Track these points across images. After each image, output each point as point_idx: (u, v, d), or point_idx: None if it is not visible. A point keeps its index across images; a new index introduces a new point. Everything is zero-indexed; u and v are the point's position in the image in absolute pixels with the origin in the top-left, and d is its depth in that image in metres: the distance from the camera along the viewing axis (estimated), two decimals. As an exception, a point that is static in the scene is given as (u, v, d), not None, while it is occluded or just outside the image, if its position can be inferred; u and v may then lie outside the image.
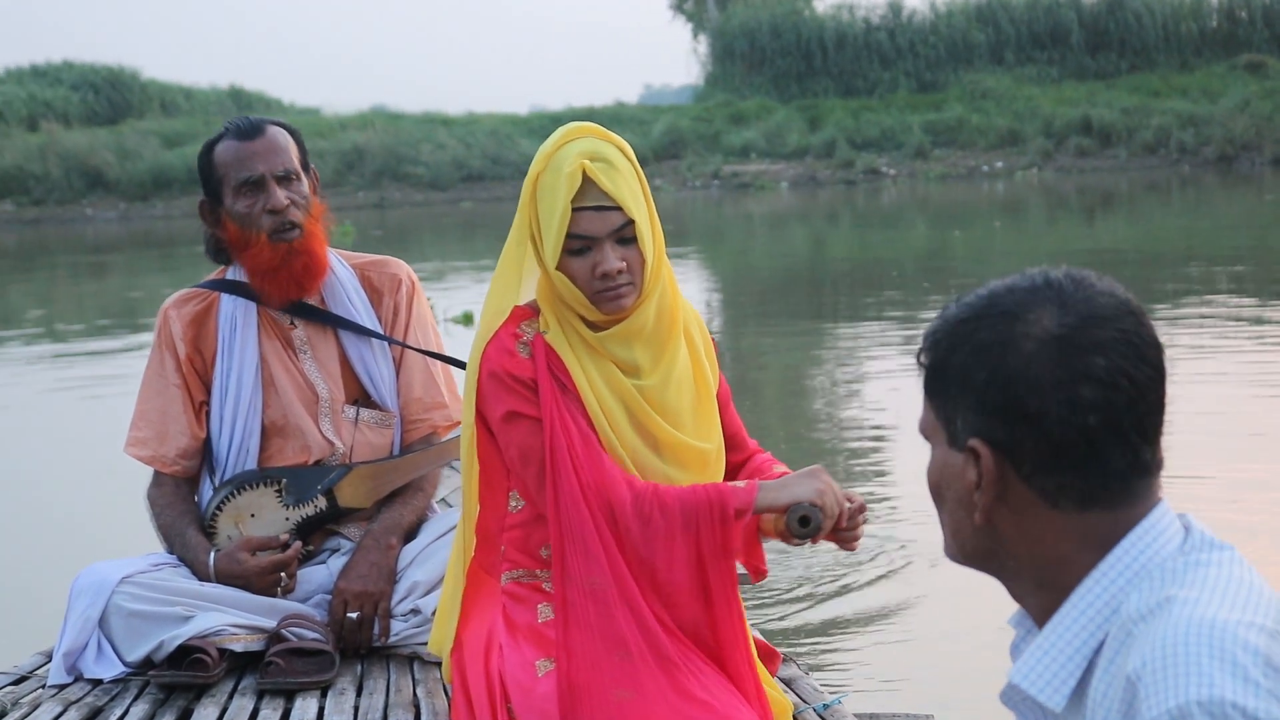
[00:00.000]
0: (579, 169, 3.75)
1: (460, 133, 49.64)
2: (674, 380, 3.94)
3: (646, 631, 3.74)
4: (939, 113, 48.82)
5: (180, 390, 4.89)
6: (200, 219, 4.95)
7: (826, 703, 4.26)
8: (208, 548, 4.77)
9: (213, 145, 4.90)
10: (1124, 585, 2.00)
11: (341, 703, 4.43)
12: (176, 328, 4.90)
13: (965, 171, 45.99)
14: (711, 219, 37.72)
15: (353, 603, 4.72)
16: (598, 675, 3.71)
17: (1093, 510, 2.02)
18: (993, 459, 2.02)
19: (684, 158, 48.06)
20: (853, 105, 50.20)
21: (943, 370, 2.07)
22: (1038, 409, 1.98)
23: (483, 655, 3.91)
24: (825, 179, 46.28)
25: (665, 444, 3.90)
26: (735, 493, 3.76)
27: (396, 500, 4.93)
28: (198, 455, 4.92)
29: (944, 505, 2.12)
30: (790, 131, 48.43)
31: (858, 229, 32.08)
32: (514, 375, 3.84)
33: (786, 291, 20.92)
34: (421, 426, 5.00)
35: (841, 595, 7.23)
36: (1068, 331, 1.99)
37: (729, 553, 3.77)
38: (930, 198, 39.70)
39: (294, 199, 4.82)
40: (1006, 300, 2.04)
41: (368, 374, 4.95)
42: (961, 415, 2.05)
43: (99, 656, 4.63)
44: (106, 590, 4.62)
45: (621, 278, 3.80)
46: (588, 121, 3.92)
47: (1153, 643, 1.87)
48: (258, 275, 4.83)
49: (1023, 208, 35.68)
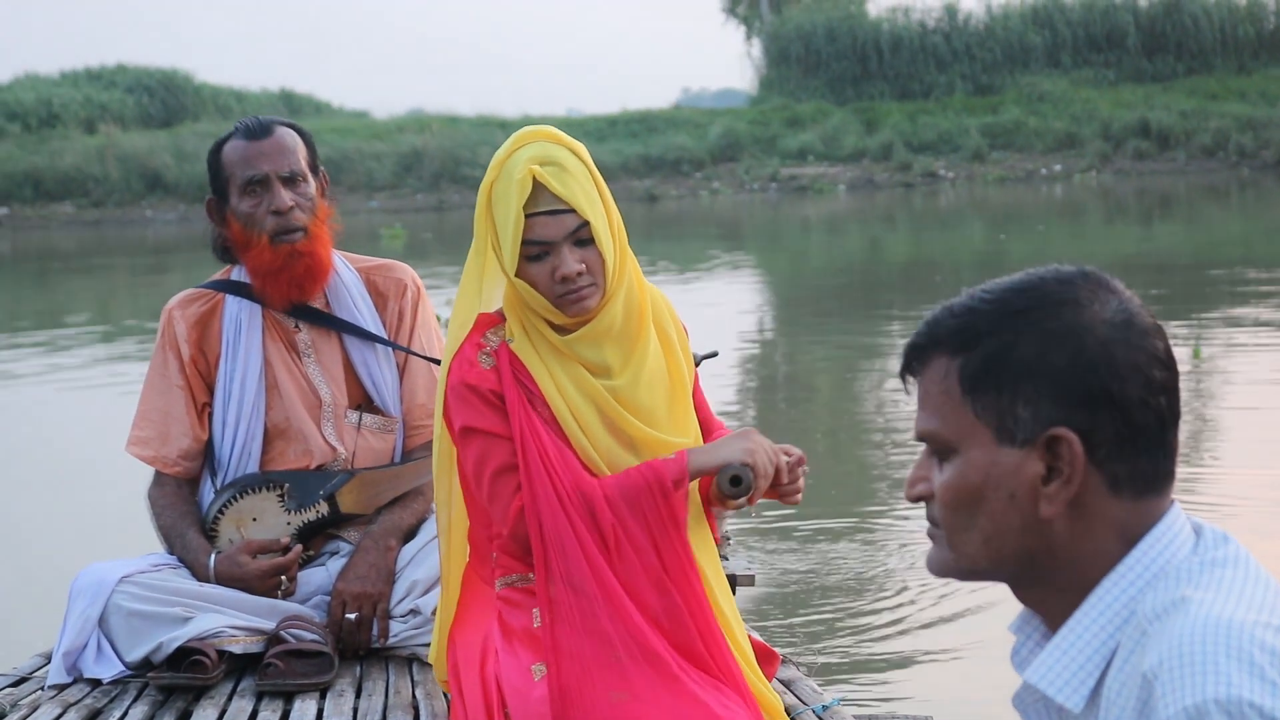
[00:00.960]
0: (529, 175, 3.77)
1: (516, 136, 49.57)
2: (645, 377, 3.95)
3: (634, 632, 3.74)
4: (996, 116, 48.58)
5: (183, 391, 4.90)
6: (207, 217, 4.95)
7: (826, 704, 4.26)
8: (208, 549, 4.78)
9: (222, 144, 4.92)
10: (1141, 587, 1.99)
11: (340, 704, 4.44)
12: (181, 328, 4.91)
13: (1023, 174, 45.78)
14: (768, 222, 37.68)
15: (351, 604, 4.72)
16: (589, 677, 3.72)
17: (1146, 497, 2.03)
18: (1081, 445, 1.99)
19: (741, 160, 47.98)
20: (909, 108, 49.99)
21: (1002, 362, 2.02)
22: (1120, 391, 1.99)
23: (478, 660, 3.91)
24: (883, 182, 46.13)
25: (641, 443, 3.91)
26: (668, 464, 3.80)
27: (396, 503, 4.92)
28: (199, 456, 4.93)
29: (980, 511, 2.05)
30: (847, 134, 48.29)
31: (914, 232, 31.99)
32: (474, 388, 3.86)
33: (841, 294, 20.89)
34: (424, 432, 4.98)
35: (841, 597, 7.24)
36: (1129, 317, 2.02)
37: (678, 524, 3.80)
38: (988, 201, 39.55)
39: (299, 201, 4.82)
40: (1062, 290, 2.04)
41: (371, 379, 4.95)
42: (1031, 406, 2.00)
43: (99, 656, 4.63)
44: (106, 590, 4.63)
45: (582, 279, 3.81)
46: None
47: (1169, 641, 1.86)
48: (259, 276, 4.84)
49: (1081, 211, 35.53)
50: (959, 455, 2.06)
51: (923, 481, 2.13)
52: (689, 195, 46.05)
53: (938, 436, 2.08)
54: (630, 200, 45.37)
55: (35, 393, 14.69)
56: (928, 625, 6.75)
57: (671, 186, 46.82)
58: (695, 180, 47.31)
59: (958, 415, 2.06)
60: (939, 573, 2.14)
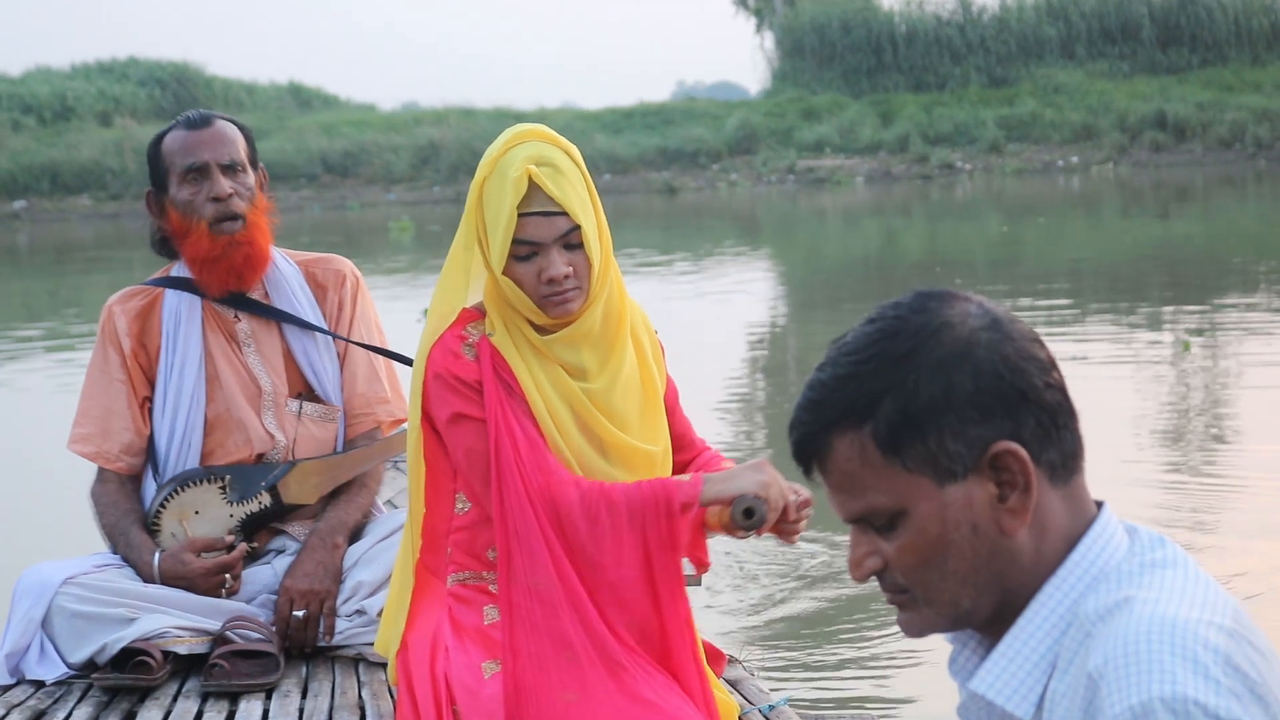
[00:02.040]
0: (525, 174, 3.74)
1: (534, 129, 49.60)
2: (620, 383, 3.94)
3: (593, 633, 3.74)
4: (1011, 107, 48.54)
5: (124, 386, 4.87)
6: (146, 211, 4.93)
7: (772, 703, 4.24)
8: (152, 548, 4.74)
9: (161, 137, 4.90)
10: (1082, 590, 1.98)
11: (286, 705, 4.41)
12: (121, 323, 4.88)
13: (1040, 166, 45.73)
14: (785, 214, 37.69)
15: (298, 601, 4.69)
16: (544, 677, 3.71)
17: (1075, 477, 2.03)
18: (1024, 451, 1.97)
19: (758, 152, 47.98)
20: (924, 100, 49.98)
21: (913, 410, 1.98)
22: (1027, 385, 1.99)
23: (428, 657, 3.89)
24: (900, 174, 46.12)
25: (611, 446, 3.91)
26: (681, 486, 3.78)
27: (341, 499, 4.91)
28: (142, 452, 4.90)
29: (949, 555, 2.01)
30: (863, 126, 48.28)
31: (931, 224, 31.95)
32: (459, 377, 3.84)
33: (857, 286, 20.86)
34: (365, 421, 4.98)
35: (788, 597, 7.23)
36: (993, 316, 2.03)
37: (676, 547, 3.78)
38: (1005, 192, 39.52)
39: (238, 189, 4.81)
40: (927, 319, 2.01)
41: (311, 368, 4.94)
42: (959, 437, 1.97)
43: (41, 658, 4.61)
44: (49, 591, 4.60)
45: (568, 283, 3.80)
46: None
47: (1114, 640, 1.86)
48: (196, 264, 4.82)
49: (1097, 203, 35.47)
50: (908, 515, 2.01)
51: (870, 557, 2.06)
52: (707, 187, 46.12)
53: (878, 510, 2.03)
54: (649, 192, 45.46)
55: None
56: (877, 627, 6.74)
57: (689, 178, 46.87)
58: (712, 172, 47.34)
59: (890, 480, 2.01)
60: (922, 633, 2.10)
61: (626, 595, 3.78)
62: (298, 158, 47.18)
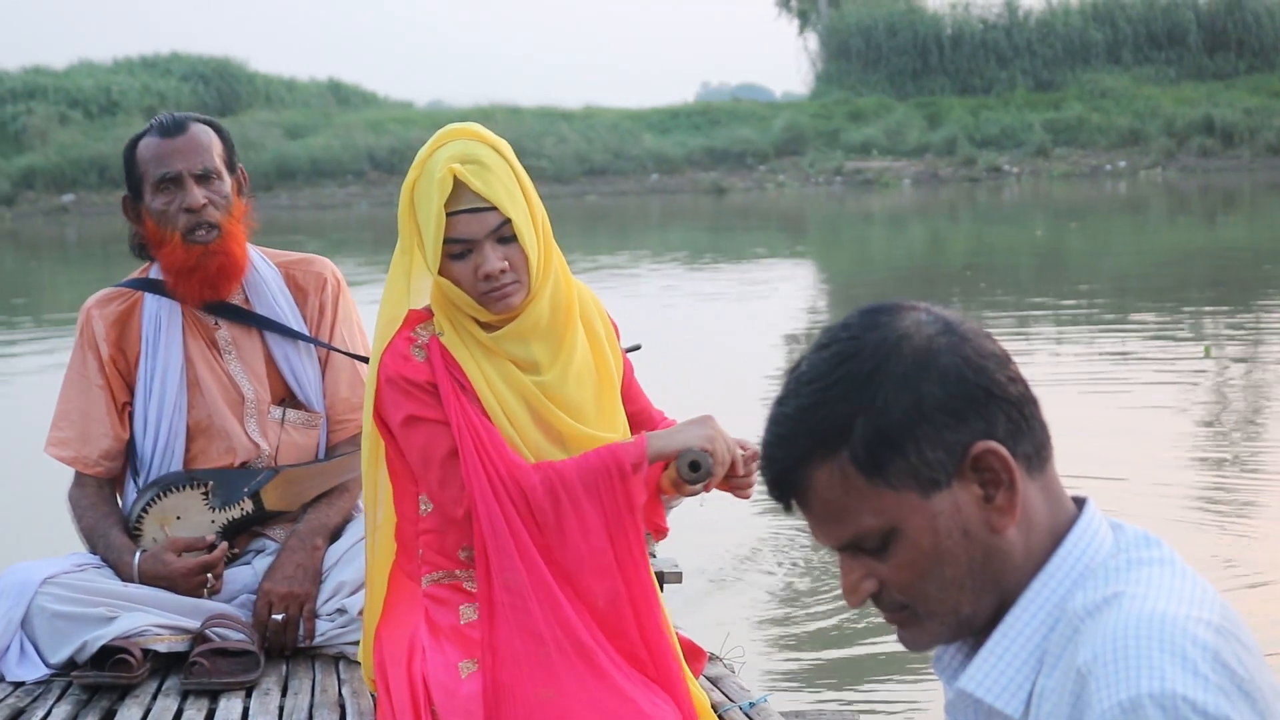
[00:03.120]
0: (449, 173, 3.76)
1: (580, 127, 49.79)
2: (573, 373, 3.95)
3: (566, 627, 3.75)
4: (1058, 112, 48.43)
5: (103, 391, 4.86)
6: (124, 215, 4.93)
7: (753, 700, 4.25)
8: (132, 548, 4.75)
9: (136, 141, 4.90)
10: (1070, 586, 1.98)
11: (266, 703, 4.42)
12: (99, 328, 4.87)
13: (1088, 170, 45.57)
14: (834, 215, 37.65)
15: (278, 603, 4.69)
16: (520, 674, 3.72)
17: (1047, 466, 2.04)
18: (1002, 448, 1.97)
19: (805, 154, 47.93)
20: (971, 103, 49.91)
21: (887, 428, 1.96)
22: (991, 382, 1.99)
23: (405, 658, 3.90)
24: (948, 176, 45.99)
25: (569, 438, 3.92)
26: (626, 448, 3.82)
27: (322, 501, 4.90)
28: (120, 456, 4.89)
29: (944, 564, 2.00)
30: (909, 129, 48.21)
31: (976, 227, 31.89)
32: (410, 380, 3.86)
33: (901, 288, 20.80)
34: (348, 426, 4.96)
35: (768, 594, 7.27)
36: (943, 320, 2.02)
37: (634, 509, 3.80)
38: (1051, 197, 39.39)
39: (212, 198, 4.79)
40: (883, 334, 2.00)
41: (293, 374, 4.92)
42: (938, 446, 1.96)
43: (21, 658, 4.61)
44: (29, 591, 4.61)
45: (506, 277, 3.81)
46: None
47: (1103, 635, 1.86)
48: (171, 274, 4.80)
49: (1144, 207, 35.38)
50: (899, 532, 1.99)
51: (865, 580, 2.04)
52: (755, 188, 46.10)
53: (869, 533, 2.01)
54: (697, 193, 45.45)
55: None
56: (857, 625, 6.77)
57: (738, 179, 46.84)
58: (760, 173, 47.31)
59: (876, 500, 1.99)
60: (926, 646, 2.10)
61: (597, 567, 3.80)
62: (344, 154, 47.34)
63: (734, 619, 6.75)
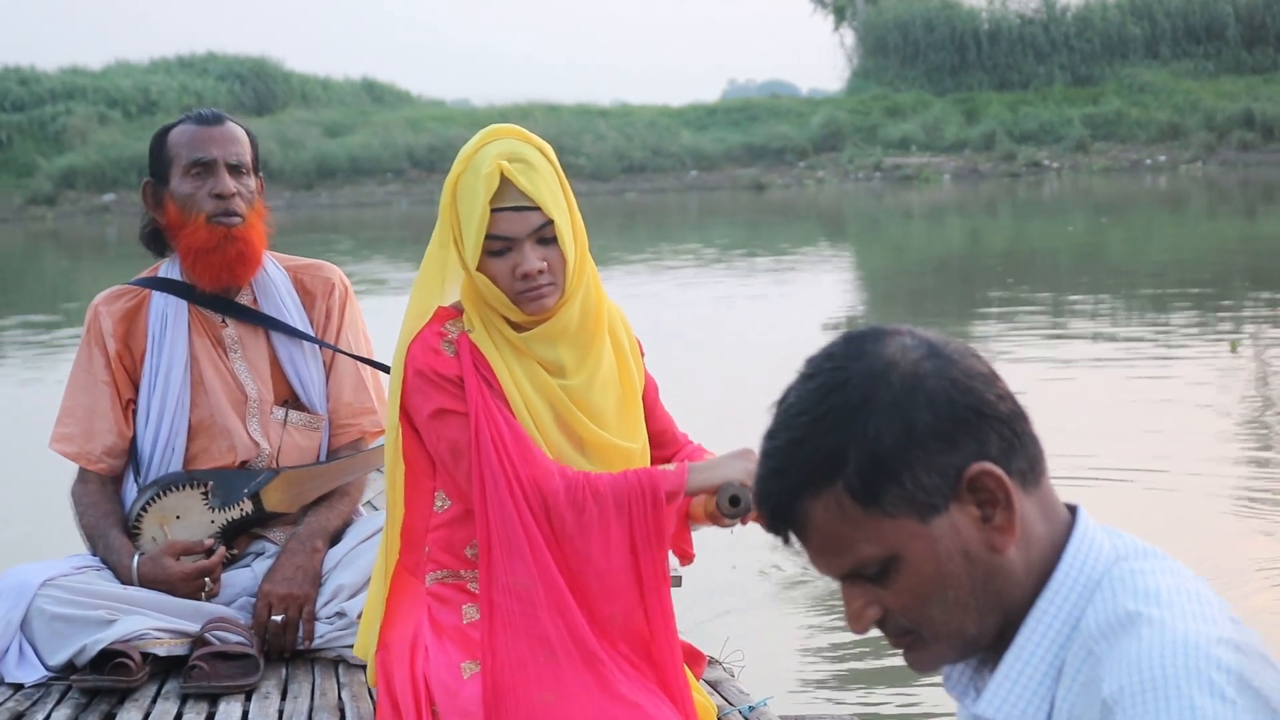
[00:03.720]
0: (496, 170, 3.76)
1: (617, 124, 49.81)
2: (599, 380, 3.95)
3: (573, 631, 3.75)
4: (1097, 106, 48.32)
5: (109, 387, 4.86)
6: (142, 202, 4.94)
7: (752, 705, 4.24)
8: (131, 551, 4.74)
9: (169, 129, 4.91)
10: (1077, 601, 1.97)
11: (266, 706, 4.40)
12: (106, 324, 4.87)
13: (1128, 165, 45.43)
14: (874, 211, 37.61)
15: (277, 605, 4.68)
16: (523, 677, 3.71)
17: (1042, 479, 2.03)
18: (997, 468, 1.96)
19: (843, 150, 47.88)
20: (1009, 99, 49.85)
21: (881, 457, 1.95)
22: (981, 402, 1.97)
23: (408, 658, 3.90)
24: (987, 171, 45.89)
25: (590, 443, 3.92)
26: (666, 476, 3.81)
27: (322, 504, 4.90)
28: (124, 454, 4.89)
29: (948, 587, 1.99)
30: (948, 124, 48.16)
31: (1016, 222, 31.81)
32: (440, 373, 3.86)
33: (939, 283, 20.79)
34: (350, 431, 4.97)
35: (768, 598, 7.26)
36: (927, 344, 2.01)
37: (662, 537, 3.81)
38: (1092, 191, 39.29)
39: (241, 191, 4.81)
40: (869, 362, 1.99)
41: (298, 376, 4.93)
42: (932, 471, 1.95)
43: (20, 660, 4.60)
44: (28, 593, 4.60)
45: (542, 278, 3.81)
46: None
47: (1127, 665, 1.84)
48: (190, 255, 4.80)
49: (1184, 201, 35.27)
50: (900, 560, 1.99)
51: (869, 607, 2.04)
52: (794, 184, 46.10)
53: (869, 561, 2.00)
54: (736, 189, 45.46)
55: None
56: None
57: (777, 175, 46.84)
58: (799, 169, 47.27)
59: (874, 529, 1.98)
60: (934, 668, 2.10)
61: (613, 586, 3.79)
62: (383, 153, 47.48)
63: (734, 622, 6.73)
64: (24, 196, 46.81)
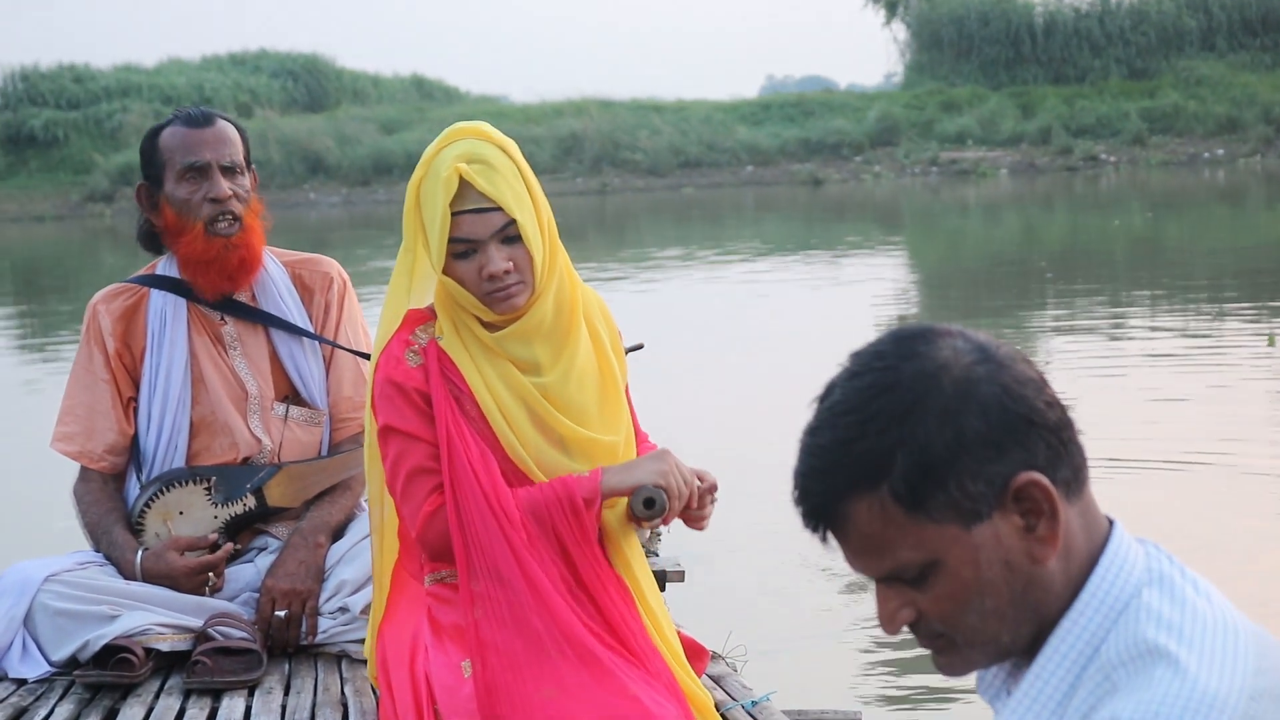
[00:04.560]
0: (455, 173, 3.77)
1: (672, 119, 49.80)
2: (575, 375, 3.96)
3: (564, 629, 3.76)
4: (1153, 100, 48.05)
5: (109, 386, 4.87)
6: (136, 203, 4.92)
7: (755, 699, 4.24)
8: (135, 546, 4.74)
9: (159, 130, 4.90)
10: (1102, 622, 1.96)
11: (269, 702, 4.41)
12: (105, 323, 4.88)
13: (1186, 159, 45.18)
14: (933, 206, 37.53)
15: (280, 600, 4.69)
16: (518, 673, 3.73)
17: (1084, 488, 2.00)
18: (1044, 479, 1.93)
19: (899, 144, 47.77)
20: (1065, 92, 49.61)
21: (929, 462, 1.92)
22: (1031, 410, 1.95)
23: (408, 657, 3.91)
24: (1045, 166, 45.70)
25: (570, 441, 3.93)
26: (580, 482, 3.85)
27: (325, 498, 4.90)
28: (125, 451, 4.90)
29: (985, 594, 1.97)
30: (1004, 118, 47.98)
31: (1073, 216, 31.70)
32: (400, 386, 3.87)
33: (992, 280, 20.74)
34: (350, 425, 4.96)
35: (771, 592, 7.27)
36: (979, 346, 1.98)
37: (589, 540, 3.84)
38: (1149, 185, 39.12)
39: (236, 191, 4.81)
40: (920, 364, 1.95)
41: (297, 372, 4.93)
42: (979, 478, 1.93)
43: (24, 656, 4.61)
44: (31, 589, 4.61)
45: (510, 277, 3.81)
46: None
47: (1136, 708, 1.82)
48: (189, 265, 4.81)
49: (1242, 195, 35.11)
50: (940, 565, 1.96)
51: (904, 609, 2.02)
52: (851, 179, 46.00)
53: (908, 566, 1.98)
54: (793, 184, 45.39)
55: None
56: (859, 623, 6.72)
57: (833, 170, 46.75)
58: (855, 164, 47.19)
59: (917, 534, 1.95)
60: (964, 673, 2.08)
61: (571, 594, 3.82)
62: (439, 149, 47.58)
63: (736, 617, 6.69)
64: (82, 194, 47.09)
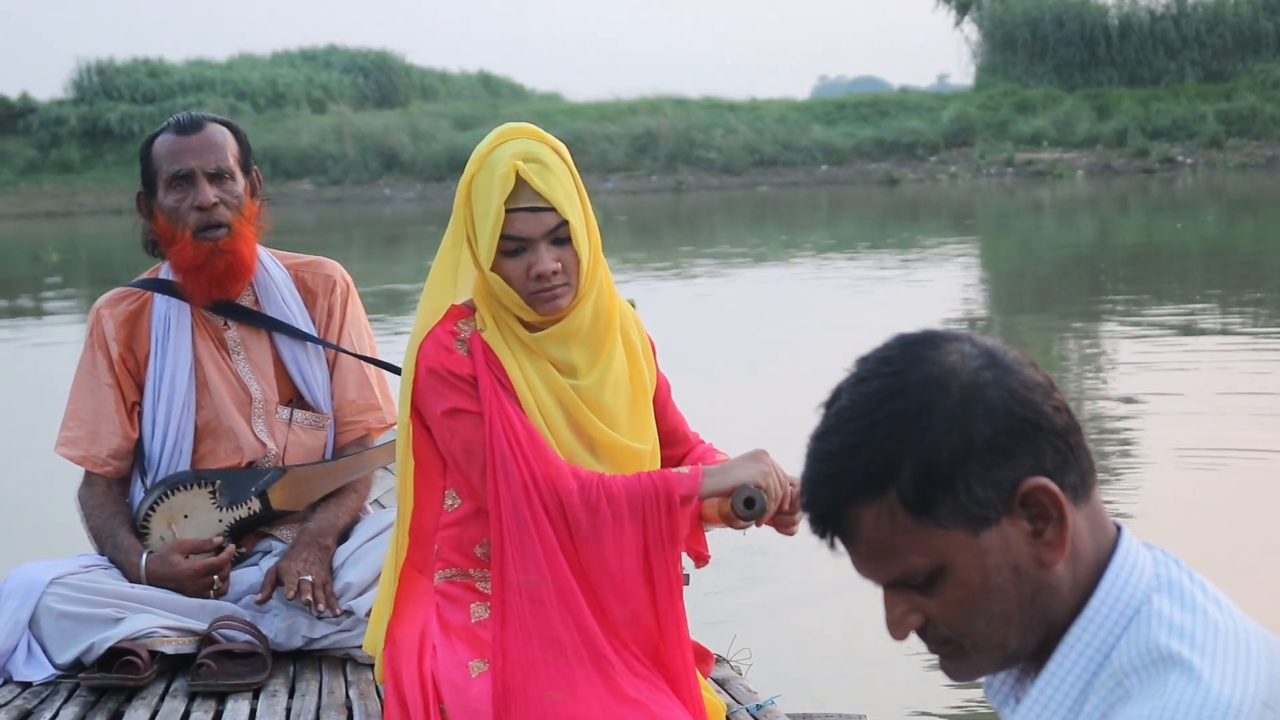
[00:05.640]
0: (512, 170, 3.76)
1: (747, 118, 49.80)
2: (610, 380, 3.95)
3: (583, 631, 3.75)
4: (1230, 102, 47.87)
5: (113, 390, 4.87)
6: (137, 212, 4.93)
7: (760, 703, 4.25)
8: (139, 549, 4.74)
9: (154, 138, 4.90)
10: (1112, 628, 1.96)
11: (273, 704, 4.41)
12: (109, 327, 4.88)
13: (1263, 161, 44.87)
14: (1011, 207, 37.39)
15: (289, 582, 4.64)
16: (532, 676, 3.71)
17: (1092, 493, 2.00)
18: (1052, 484, 1.93)
19: (974, 145, 47.66)
20: (1140, 95, 49.47)
21: (936, 468, 1.92)
22: (1039, 415, 1.94)
23: (416, 656, 3.91)
24: (1121, 168, 45.49)
25: (601, 444, 3.92)
26: (680, 479, 3.80)
27: (330, 501, 4.89)
28: (129, 456, 4.90)
29: (993, 600, 1.97)
30: (1079, 120, 47.86)
31: (1147, 219, 31.54)
32: (453, 371, 3.86)
33: (1064, 280, 20.64)
34: (355, 428, 4.97)
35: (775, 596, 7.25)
36: (986, 351, 1.98)
37: (676, 540, 3.80)
38: (1227, 187, 38.88)
39: (224, 198, 4.79)
40: (927, 369, 1.95)
41: (301, 375, 4.92)
42: (987, 484, 1.93)
43: (29, 658, 4.61)
44: (36, 592, 4.61)
45: (556, 278, 3.81)
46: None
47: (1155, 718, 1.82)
48: (180, 271, 4.81)
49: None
50: (948, 571, 1.96)
51: (912, 615, 2.02)
52: (927, 179, 45.94)
53: (916, 571, 1.98)
54: (868, 184, 45.37)
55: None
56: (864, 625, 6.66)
57: (909, 170, 46.68)
58: (930, 164, 47.09)
59: (925, 540, 1.95)
60: (971, 678, 2.08)
61: (625, 588, 3.79)
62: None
63: (741, 620, 6.71)
64: (156, 187, 47.45)
